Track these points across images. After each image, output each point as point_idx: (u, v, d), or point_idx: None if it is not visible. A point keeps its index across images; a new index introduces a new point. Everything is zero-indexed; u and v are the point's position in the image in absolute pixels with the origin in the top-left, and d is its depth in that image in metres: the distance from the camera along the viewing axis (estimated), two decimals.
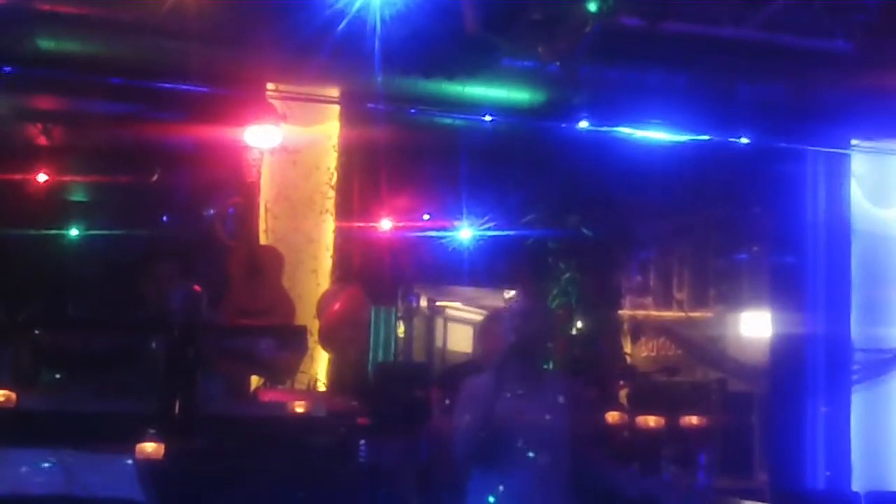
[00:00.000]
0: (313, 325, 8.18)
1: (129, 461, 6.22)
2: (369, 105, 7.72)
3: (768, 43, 7.56)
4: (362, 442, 6.74)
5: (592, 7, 7.05)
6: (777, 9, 7.42)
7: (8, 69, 6.94)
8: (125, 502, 5.95)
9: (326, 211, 8.60)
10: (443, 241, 8.61)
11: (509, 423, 4.69)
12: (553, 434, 4.78)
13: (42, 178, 8.40)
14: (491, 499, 4.74)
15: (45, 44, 7.05)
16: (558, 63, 7.38)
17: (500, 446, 4.69)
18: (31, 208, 8.35)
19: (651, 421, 7.77)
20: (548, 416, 4.78)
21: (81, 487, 6.06)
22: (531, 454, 4.72)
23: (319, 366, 8.39)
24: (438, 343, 11.30)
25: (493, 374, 4.79)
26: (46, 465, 6.20)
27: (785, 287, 8.85)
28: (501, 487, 4.74)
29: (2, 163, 8.11)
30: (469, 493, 4.85)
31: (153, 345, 7.08)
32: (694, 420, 7.95)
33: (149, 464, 6.29)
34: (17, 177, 8.30)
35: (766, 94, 7.77)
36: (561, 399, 4.84)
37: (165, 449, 6.32)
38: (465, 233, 8.49)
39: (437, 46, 6.96)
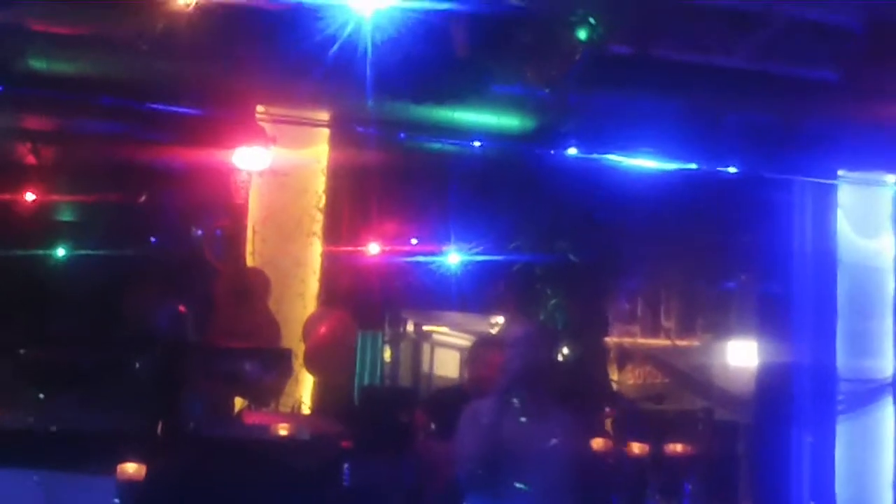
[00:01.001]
0: (299, 349, 8.15)
1: (111, 481, 6.20)
2: (359, 129, 7.73)
3: (757, 72, 7.59)
4: (346, 465, 6.71)
5: (582, 34, 7.08)
6: (766, 38, 7.46)
7: None
8: None
9: (314, 234, 8.59)
10: (430, 265, 8.60)
11: (513, 451, 4.66)
12: (554, 462, 4.76)
13: (30, 197, 8.38)
14: None
15: (36, 63, 7.06)
16: (547, 89, 7.40)
17: (501, 473, 4.67)
18: (19, 227, 8.32)
19: (636, 448, 7.75)
20: (550, 444, 4.75)
21: None
22: (530, 482, 4.69)
23: (304, 389, 8.36)
24: (425, 368, 11.29)
25: (497, 400, 4.76)
26: (27, 485, 6.17)
27: (771, 316, 8.87)
28: None
29: None
30: None
31: (137, 365, 7.06)
32: (679, 448, 7.94)
33: (130, 485, 6.27)
34: (5, 196, 8.27)
35: (754, 122, 7.81)
36: (561, 427, 4.82)
37: (147, 470, 6.29)
38: (453, 258, 8.49)
39: (427, 71, 6.98)
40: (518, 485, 4.69)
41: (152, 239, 8.68)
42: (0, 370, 7.09)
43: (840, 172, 8.16)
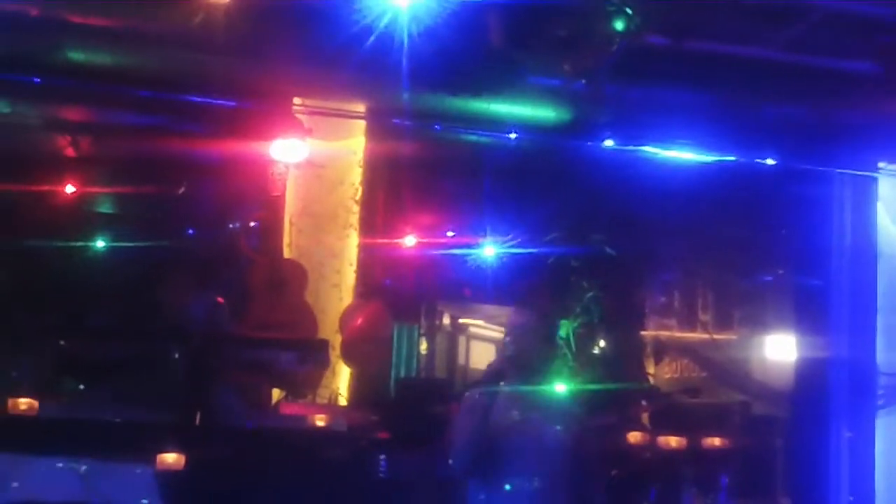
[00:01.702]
0: (335, 340, 8.20)
1: (149, 471, 6.25)
2: (395, 121, 7.72)
3: (795, 63, 7.53)
4: (382, 457, 6.74)
5: (619, 25, 7.04)
6: (804, 29, 7.40)
7: (38, 80, 7.01)
8: None
9: (350, 226, 8.63)
10: (466, 257, 8.59)
11: (508, 440, 4.64)
12: (551, 453, 4.72)
13: (69, 189, 8.44)
14: None
15: (75, 55, 7.09)
16: (583, 81, 7.37)
17: (498, 463, 4.65)
18: (58, 219, 8.38)
19: (673, 442, 7.74)
20: (545, 436, 4.72)
21: (100, 497, 6.10)
22: (531, 473, 4.67)
23: (341, 380, 8.40)
24: (461, 360, 11.27)
25: (490, 388, 4.76)
26: (66, 473, 6.23)
27: (809, 310, 8.80)
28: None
29: (30, 173, 8.14)
30: None
31: (175, 355, 7.12)
32: (716, 442, 7.92)
33: (169, 475, 6.32)
34: (45, 187, 8.33)
35: (792, 115, 7.74)
36: (560, 418, 4.79)
37: (186, 460, 6.34)
38: (489, 250, 8.46)
39: (463, 63, 6.97)
40: (524, 476, 4.67)
41: (189, 231, 8.73)
42: (40, 362, 7.17)
43: (881, 165, 8.08)
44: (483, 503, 4.83)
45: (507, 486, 4.70)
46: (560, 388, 5.03)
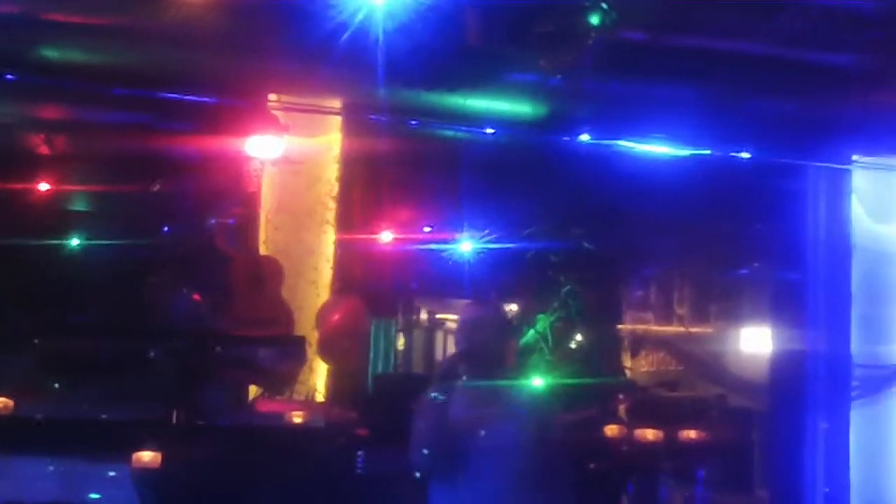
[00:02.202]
0: (312, 336, 8.18)
1: (127, 469, 6.23)
2: (372, 117, 7.70)
3: (773, 58, 7.55)
4: (360, 453, 6.73)
5: (595, 20, 7.04)
6: (780, 23, 7.42)
7: (10, 77, 6.95)
8: None
9: (327, 222, 8.61)
10: (443, 253, 8.58)
11: (473, 438, 4.60)
12: (522, 449, 4.70)
13: (43, 187, 8.39)
14: None
15: (48, 52, 7.05)
16: (561, 76, 7.37)
17: (463, 461, 4.62)
18: (33, 218, 8.34)
19: (650, 435, 7.76)
20: (514, 432, 4.69)
21: (77, 496, 6.07)
22: (502, 470, 4.64)
23: (318, 376, 8.38)
24: (438, 355, 11.29)
25: (444, 380, 4.74)
26: (45, 472, 6.20)
27: (785, 303, 8.84)
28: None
29: (4, 172, 8.09)
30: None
31: (152, 353, 7.08)
32: (693, 434, 7.95)
33: (146, 472, 6.30)
34: (19, 186, 8.28)
35: (769, 109, 7.76)
36: (531, 413, 4.76)
37: (163, 458, 6.32)
38: (466, 245, 8.47)
39: (439, 59, 6.95)
40: (494, 473, 4.64)
41: (165, 228, 8.69)
42: (19, 360, 7.14)
43: (854, 157, 8.10)
44: (457, 500, 4.79)
45: (478, 483, 4.66)
46: (535, 382, 5.00)
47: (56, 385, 7.13)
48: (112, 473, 6.22)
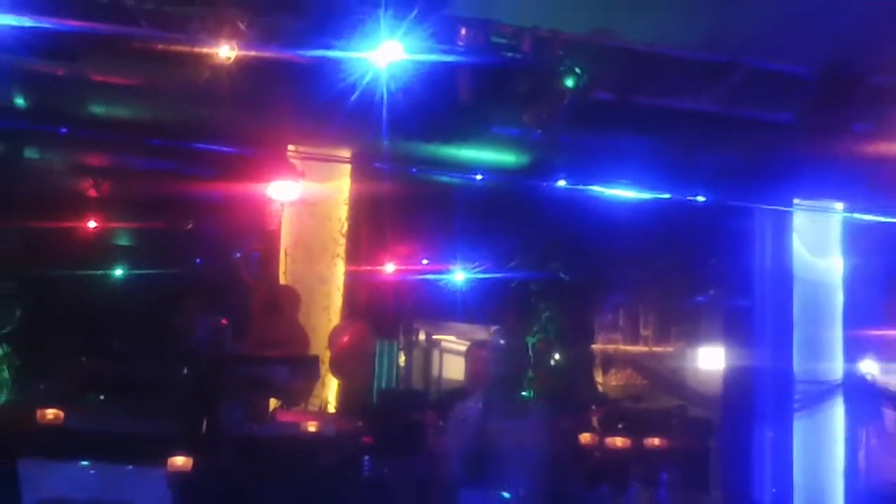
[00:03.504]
0: (325, 356, 8.11)
1: (161, 474, 6.16)
2: (376, 164, 7.71)
3: (722, 114, 7.58)
4: (366, 459, 6.67)
5: (570, 82, 7.06)
6: (730, 85, 7.46)
7: (64, 130, 6.96)
8: None
9: (338, 256, 8.56)
10: (439, 282, 8.56)
11: (496, 446, 4.60)
12: (533, 456, 4.69)
13: (91, 224, 8.37)
14: None
15: (96, 109, 7.05)
16: (540, 130, 7.37)
17: (488, 465, 4.61)
18: (81, 251, 8.30)
19: (619, 442, 7.69)
20: (529, 440, 4.69)
21: (117, 497, 6.00)
22: (515, 473, 4.63)
23: (330, 391, 8.31)
24: (435, 372, 11.20)
25: (481, 400, 4.72)
26: (88, 476, 6.14)
27: (736, 326, 8.82)
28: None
29: (57, 211, 8.06)
30: None
31: (184, 371, 7.02)
32: (657, 442, 7.87)
33: (178, 476, 6.23)
34: (70, 224, 8.26)
35: (720, 158, 7.77)
36: (540, 425, 4.76)
37: (193, 463, 6.26)
38: (459, 275, 8.46)
39: (434, 115, 6.96)
40: (506, 474, 4.62)
41: (197, 261, 8.65)
42: (65, 377, 7.08)
43: (795, 201, 8.12)
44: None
45: (494, 486, 4.63)
46: (527, 397, 4.99)
47: (100, 399, 7.06)
48: (148, 477, 6.15)
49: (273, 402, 7.71)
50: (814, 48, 7.27)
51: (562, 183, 7.42)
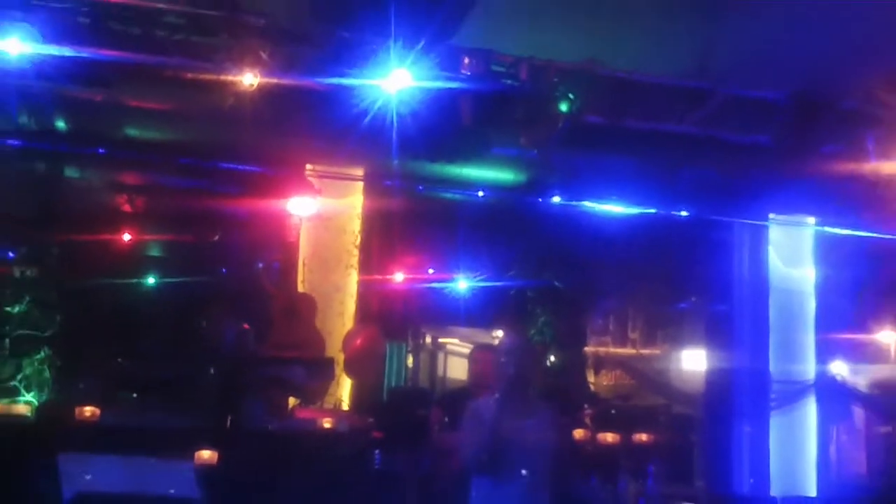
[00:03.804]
0: (339, 357, 8.14)
1: (189, 465, 6.19)
2: (386, 182, 7.75)
3: (703, 136, 7.61)
4: (377, 452, 6.68)
5: (563, 107, 7.10)
6: (711, 109, 7.50)
7: (101, 151, 7.02)
8: (184, 501, 5.91)
9: (351, 266, 8.59)
10: (444, 290, 8.60)
11: (508, 440, 4.61)
12: (541, 449, 4.70)
13: (126, 237, 8.42)
14: None
15: (131, 131, 7.10)
16: (536, 151, 7.41)
17: (501, 457, 4.61)
18: (117, 262, 8.34)
19: (609, 438, 7.71)
20: (539, 434, 4.70)
21: (149, 488, 6.02)
22: (523, 466, 4.64)
23: (344, 390, 8.34)
24: (440, 372, 11.21)
25: (497, 399, 4.72)
26: (121, 468, 6.16)
27: (716, 330, 8.83)
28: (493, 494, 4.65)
29: (94, 225, 8.12)
30: (463, 501, 4.79)
31: (211, 372, 7.05)
32: (644, 437, 7.89)
33: (205, 468, 6.26)
34: (107, 237, 8.31)
35: (701, 177, 7.80)
36: (547, 420, 4.77)
37: (219, 456, 6.28)
38: (462, 284, 8.50)
39: (440, 136, 6.99)
40: (515, 467, 4.63)
41: (223, 270, 8.69)
42: (101, 377, 7.11)
43: (771, 215, 8.15)
44: (474, 493, 4.77)
45: (502, 475, 4.64)
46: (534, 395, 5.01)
47: (133, 397, 7.10)
48: (178, 469, 6.17)
49: (292, 400, 7.75)
50: (787, 76, 7.30)
51: (556, 199, 7.46)
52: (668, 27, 6.85)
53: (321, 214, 8.37)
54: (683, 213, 7.58)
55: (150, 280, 8.57)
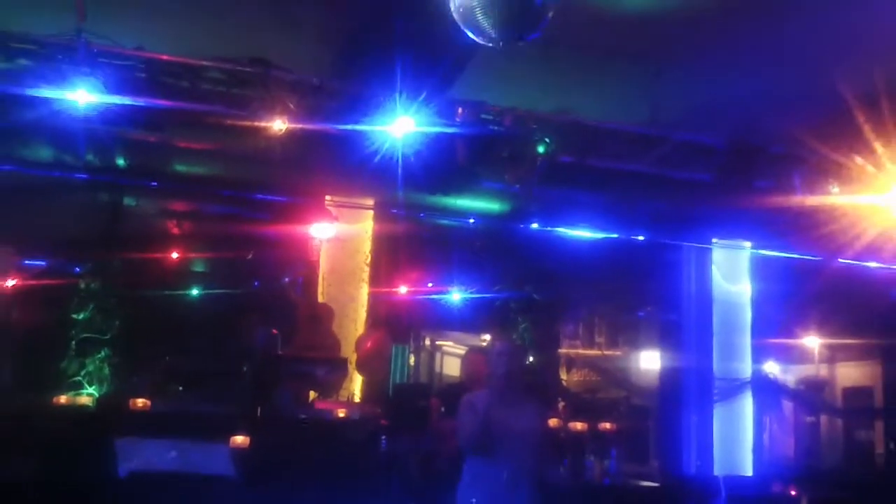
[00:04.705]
0: (352, 357, 8.10)
1: (225, 448, 6.13)
2: (393, 211, 7.73)
3: (656, 175, 7.61)
4: (383, 437, 6.63)
5: (541, 149, 7.11)
6: (663, 152, 7.51)
7: (154, 184, 6.99)
8: (222, 478, 5.85)
9: (363, 280, 8.57)
10: (441, 301, 8.57)
11: (495, 427, 4.56)
12: (523, 434, 4.65)
13: (175, 255, 8.40)
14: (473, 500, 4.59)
15: (179, 167, 7.08)
16: (518, 185, 7.40)
17: (488, 442, 4.56)
18: (166, 276, 8.33)
19: (579, 425, 7.65)
20: (521, 423, 4.65)
21: (192, 467, 5.96)
22: (508, 448, 4.59)
23: (356, 385, 8.29)
24: (437, 369, 11.18)
25: (487, 392, 4.68)
26: (168, 450, 6.11)
27: (668, 335, 8.81)
28: (484, 477, 4.59)
29: (148, 245, 8.10)
30: (457, 478, 4.73)
31: (244, 368, 7.00)
32: (608, 425, 7.84)
33: (238, 450, 6.20)
34: (158, 255, 8.29)
35: (655, 208, 7.80)
36: (528, 411, 4.72)
37: (250, 440, 6.23)
38: (456, 296, 8.47)
39: (438, 173, 6.98)
40: (502, 449, 4.58)
41: (255, 283, 8.66)
42: (153, 373, 7.07)
43: (714, 240, 8.15)
44: (466, 475, 4.69)
45: (491, 458, 4.57)
46: (526, 390, 4.95)
47: (179, 389, 7.04)
48: (215, 451, 6.11)
49: (312, 393, 7.70)
50: (726, 124, 7.33)
51: (535, 226, 7.46)
52: (626, 84, 6.87)
53: (338, 237, 8.35)
54: (640, 238, 7.57)
55: (194, 291, 8.55)
